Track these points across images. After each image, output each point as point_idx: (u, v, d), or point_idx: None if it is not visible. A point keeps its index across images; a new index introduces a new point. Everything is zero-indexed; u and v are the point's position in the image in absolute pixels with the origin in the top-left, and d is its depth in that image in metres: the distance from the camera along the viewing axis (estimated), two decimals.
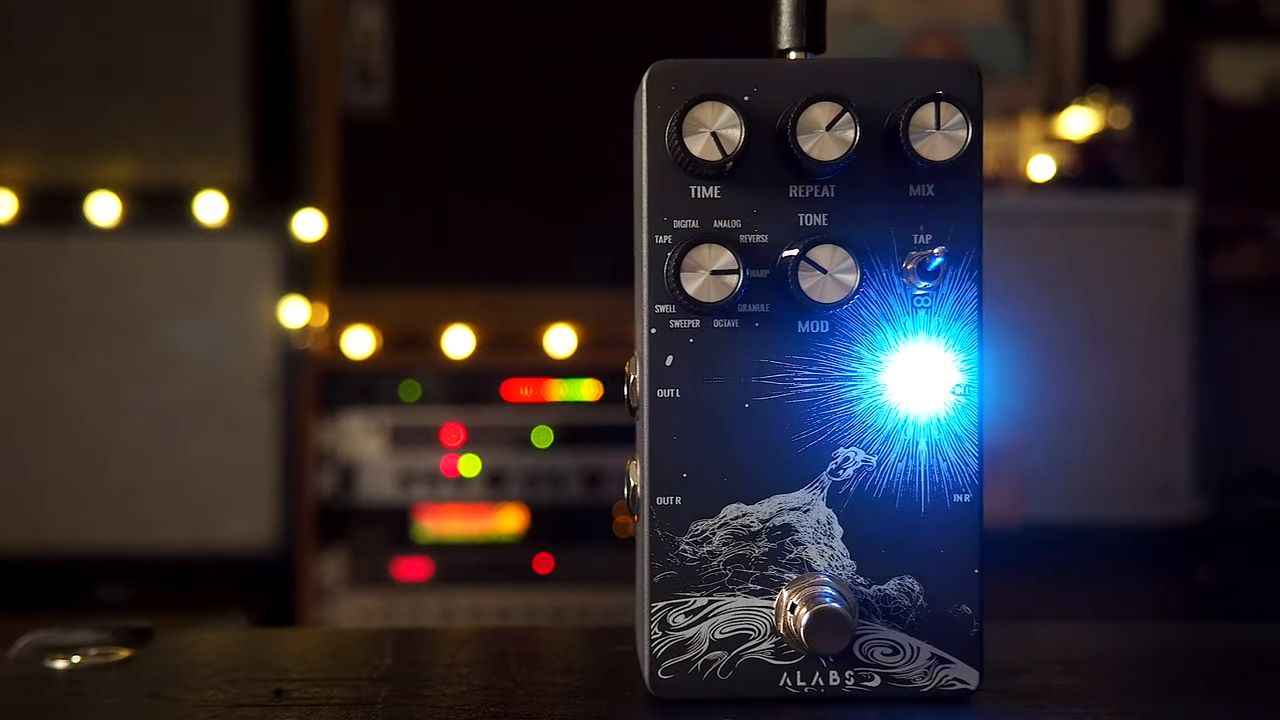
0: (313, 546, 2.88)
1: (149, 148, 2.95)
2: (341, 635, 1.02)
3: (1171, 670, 0.92)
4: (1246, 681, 0.88)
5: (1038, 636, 1.02)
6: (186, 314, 2.90)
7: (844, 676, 0.83)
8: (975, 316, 0.83)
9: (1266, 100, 3.07)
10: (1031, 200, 3.05)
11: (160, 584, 2.88)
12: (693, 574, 0.83)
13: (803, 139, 0.80)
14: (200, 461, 2.88)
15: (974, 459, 0.83)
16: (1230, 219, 3.02)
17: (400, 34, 3.02)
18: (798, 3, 0.86)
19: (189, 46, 2.96)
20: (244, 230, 2.93)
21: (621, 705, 0.82)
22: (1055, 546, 2.87)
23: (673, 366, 0.83)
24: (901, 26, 3.37)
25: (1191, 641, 1.03)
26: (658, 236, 0.83)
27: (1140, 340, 2.92)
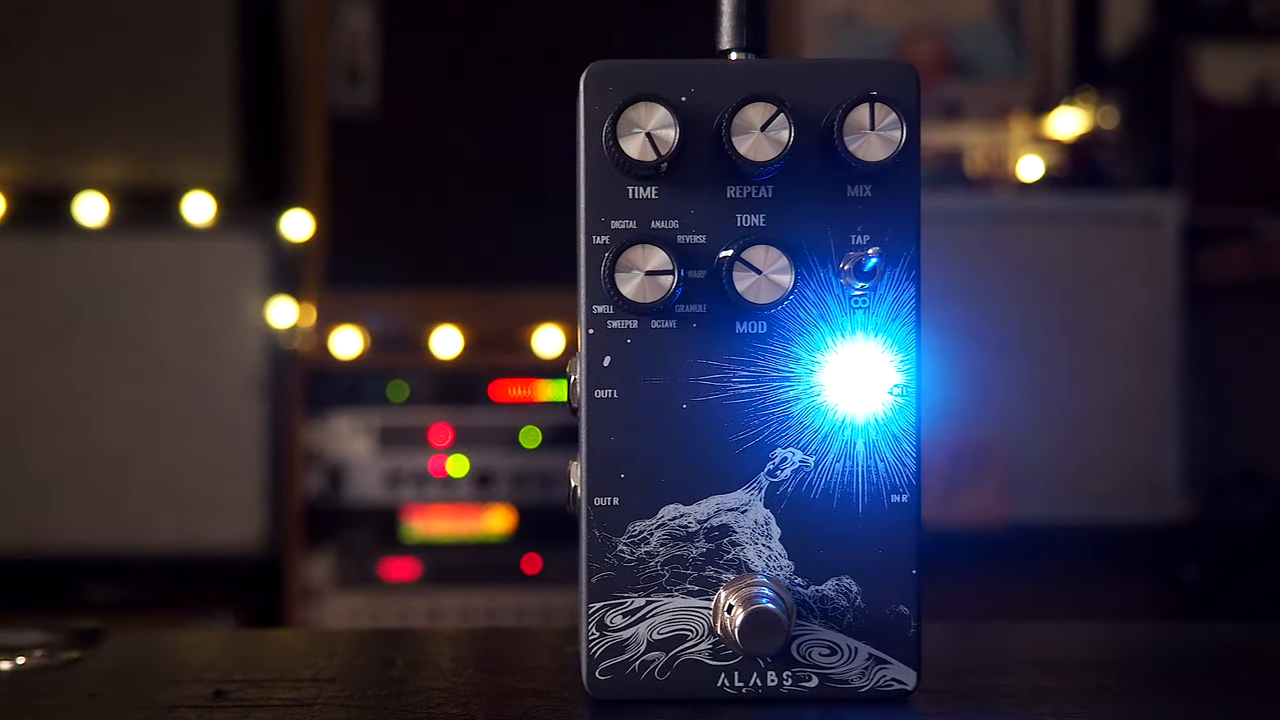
0: (301, 547, 2.88)
1: (137, 148, 2.95)
2: (293, 636, 1.02)
3: (1118, 670, 0.91)
4: (1192, 681, 0.88)
5: (989, 636, 1.02)
6: (174, 314, 2.90)
7: (782, 677, 0.83)
8: (913, 317, 0.83)
9: (1255, 101, 3.06)
10: (1020, 200, 3.04)
11: (148, 584, 2.88)
12: (630, 575, 0.83)
13: (737, 139, 0.80)
14: (188, 461, 2.89)
15: (912, 459, 0.83)
16: (1219, 220, 3.02)
17: (388, 34, 3.03)
18: (737, 4, 0.86)
19: (177, 47, 2.97)
20: (232, 230, 2.93)
21: (559, 706, 0.82)
22: (1043, 546, 2.87)
23: (610, 367, 0.83)
24: (891, 27, 3.37)
25: (1144, 641, 1.03)
26: (595, 237, 0.83)
27: (1128, 340, 2.92)
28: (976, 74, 3.33)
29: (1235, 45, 3.07)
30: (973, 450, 2.89)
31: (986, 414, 2.91)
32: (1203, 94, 3.06)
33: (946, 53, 3.35)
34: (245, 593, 2.92)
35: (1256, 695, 0.85)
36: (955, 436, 2.88)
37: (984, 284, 2.93)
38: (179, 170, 2.95)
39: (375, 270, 3.00)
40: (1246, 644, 1.00)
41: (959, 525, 2.86)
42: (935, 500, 2.84)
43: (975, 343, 2.91)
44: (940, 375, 2.85)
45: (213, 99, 2.96)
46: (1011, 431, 2.90)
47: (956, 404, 2.90)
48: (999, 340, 2.92)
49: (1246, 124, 3.05)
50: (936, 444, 2.81)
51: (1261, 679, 0.89)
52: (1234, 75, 3.07)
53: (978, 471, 2.89)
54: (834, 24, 3.38)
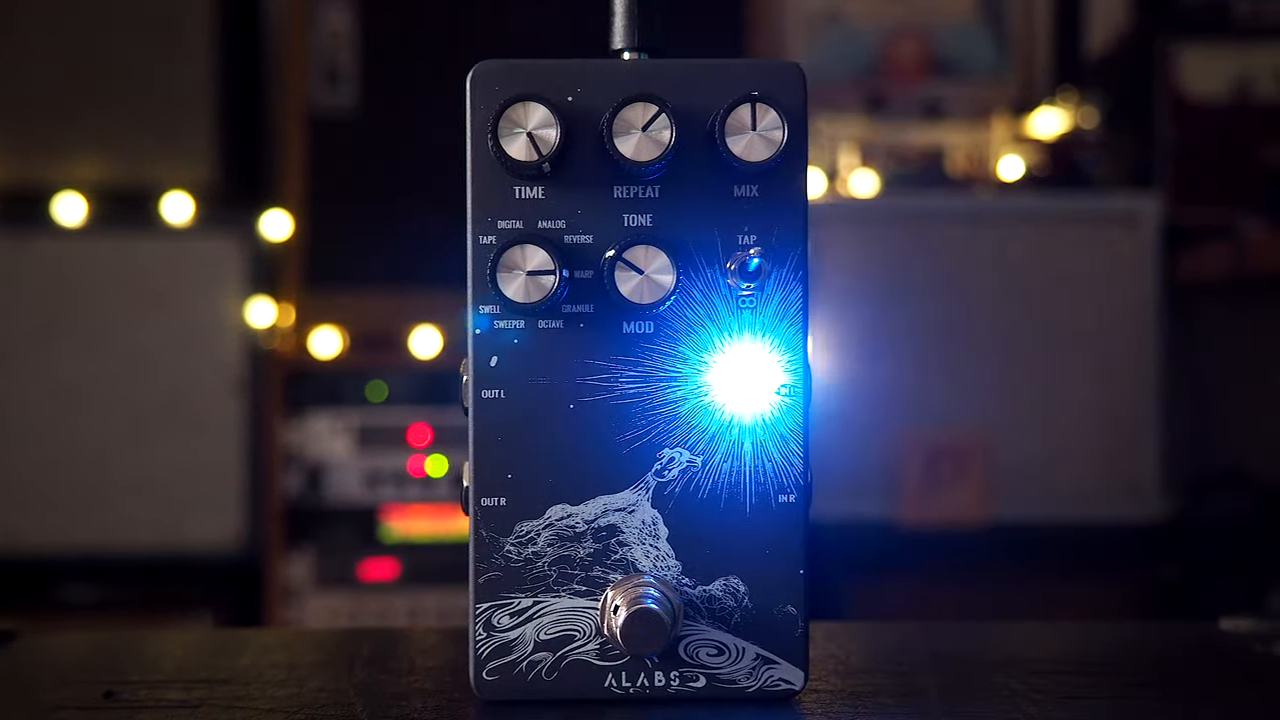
0: (280, 547, 2.89)
1: (116, 147, 2.96)
2: (209, 636, 1.02)
3: (1021, 669, 0.91)
4: (1085, 681, 0.88)
5: (896, 636, 1.02)
6: (153, 314, 2.90)
7: (669, 677, 0.83)
8: (800, 317, 0.83)
9: (1236, 100, 3.06)
10: (1001, 200, 3.04)
11: (127, 584, 2.89)
12: (518, 575, 0.83)
13: (619, 140, 0.80)
14: (167, 462, 2.89)
15: (799, 459, 0.83)
16: (1199, 219, 3.02)
17: (368, 34, 3.03)
18: (629, 4, 0.86)
19: (157, 46, 2.97)
20: (211, 230, 2.93)
21: (446, 706, 0.82)
22: (1023, 546, 2.87)
23: (497, 367, 0.83)
24: (875, 27, 3.37)
25: (1065, 640, 1.03)
26: (482, 237, 0.83)
27: (1108, 339, 2.91)
28: (959, 73, 3.32)
29: (1216, 45, 3.07)
30: (952, 450, 2.88)
31: (966, 413, 2.91)
32: (1183, 94, 3.06)
33: (930, 52, 3.35)
34: (224, 593, 2.92)
35: (1155, 690, 0.85)
36: (934, 436, 2.88)
37: (964, 283, 2.93)
38: (158, 170, 2.95)
39: (354, 270, 3.00)
40: (1159, 641, 0.99)
41: (938, 525, 2.86)
42: (914, 501, 2.84)
43: (955, 342, 2.91)
44: (922, 374, 2.86)
45: (192, 99, 2.97)
46: (991, 431, 2.90)
47: (936, 403, 2.90)
48: (979, 339, 2.92)
49: (1227, 124, 3.05)
50: (915, 444, 2.81)
51: (1166, 676, 0.89)
52: (1214, 75, 3.06)
53: (957, 471, 2.89)
54: (816, 24, 3.38)
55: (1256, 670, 0.91)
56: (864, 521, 2.88)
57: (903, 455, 2.89)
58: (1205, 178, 3.04)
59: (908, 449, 2.89)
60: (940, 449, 2.89)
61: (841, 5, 3.38)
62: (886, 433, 2.90)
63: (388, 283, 3.01)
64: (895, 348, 2.92)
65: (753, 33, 3.09)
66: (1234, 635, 1.00)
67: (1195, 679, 0.89)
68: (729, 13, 3.11)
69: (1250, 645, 0.96)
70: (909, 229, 2.96)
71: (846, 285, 2.92)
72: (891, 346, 2.92)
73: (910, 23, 3.37)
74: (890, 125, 3.20)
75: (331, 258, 2.99)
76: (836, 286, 2.92)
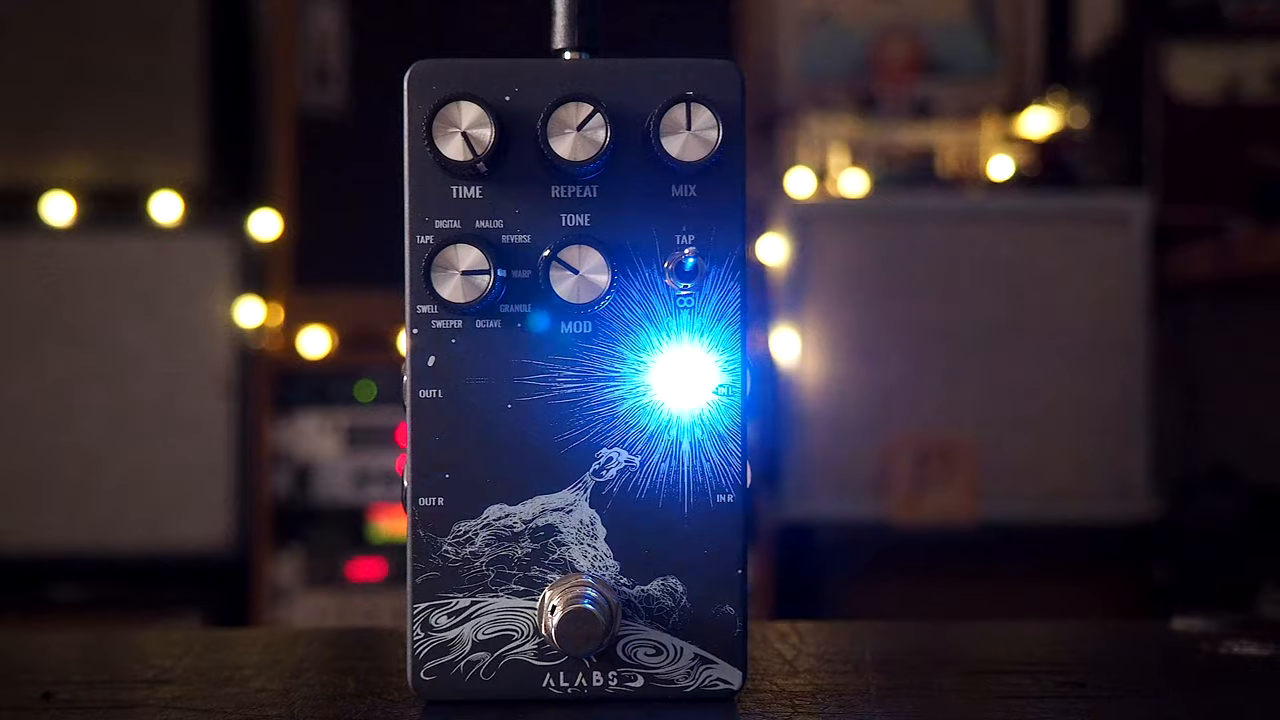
0: (268, 547, 2.89)
1: (104, 147, 2.96)
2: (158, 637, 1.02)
3: (960, 670, 0.91)
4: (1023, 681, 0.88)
5: (848, 636, 1.02)
6: (141, 314, 2.90)
7: (608, 677, 0.83)
8: (738, 316, 0.82)
9: (1225, 100, 3.06)
10: (991, 200, 3.04)
11: (115, 585, 2.89)
12: (455, 575, 0.83)
13: (554, 139, 0.80)
14: (155, 462, 2.89)
15: (737, 459, 0.83)
16: (1188, 219, 3.01)
17: (357, 34, 3.03)
18: (569, 4, 0.86)
19: (145, 46, 2.97)
20: (199, 230, 2.93)
21: (384, 707, 0.82)
22: (1012, 545, 2.87)
23: (435, 367, 0.83)
24: (865, 26, 3.36)
25: (1013, 641, 1.03)
26: (419, 237, 0.83)
27: (1097, 339, 2.91)
28: (950, 73, 3.32)
29: (1205, 45, 3.07)
30: (941, 449, 2.88)
31: (955, 413, 2.91)
32: (1173, 94, 3.06)
33: (920, 52, 3.35)
34: (212, 593, 2.92)
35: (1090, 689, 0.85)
36: (924, 436, 2.88)
37: (954, 283, 2.93)
38: (147, 170, 2.96)
39: (343, 270, 3.00)
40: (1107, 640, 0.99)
41: (927, 524, 2.86)
42: (904, 500, 2.84)
43: (945, 341, 2.91)
44: (911, 374, 2.86)
45: (181, 99, 2.97)
46: (980, 430, 2.90)
47: (925, 403, 2.90)
48: (968, 339, 2.92)
49: (1216, 123, 3.05)
50: (904, 443, 2.81)
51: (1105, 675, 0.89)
52: (1204, 75, 3.06)
53: (946, 471, 2.88)
54: (807, 23, 3.38)
55: (1199, 669, 0.91)
56: (854, 521, 2.88)
57: (892, 455, 2.89)
58: (1194, 178, 3.04)
59: (897, 448, 2.89)
60: (929, 448, 2.89)
61: (832, 5, 3.38)
62: (876, 432, 2.90)
63: (376, 282, 2.99)
64: (885, 347, 2.91)
65: (743, 33, 3.09)
66: (1184, 635, 1.00)
67: (1134, 678, 0.89)
68: (719, 13, 3.10)
69: (1198, 645, 0.96)
70: (899, 228, 2.96)
71: (836, 285, 2.92)
72: (881, 346, 2.92)
73: (901, 22, 3.37)
74: (881, 125, 3.20)
75: (320, 257, 2.98)
76: (826, 286, 2.92)
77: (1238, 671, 0.90)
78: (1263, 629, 0.98)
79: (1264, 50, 3.06)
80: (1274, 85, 3.06)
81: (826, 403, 2.91)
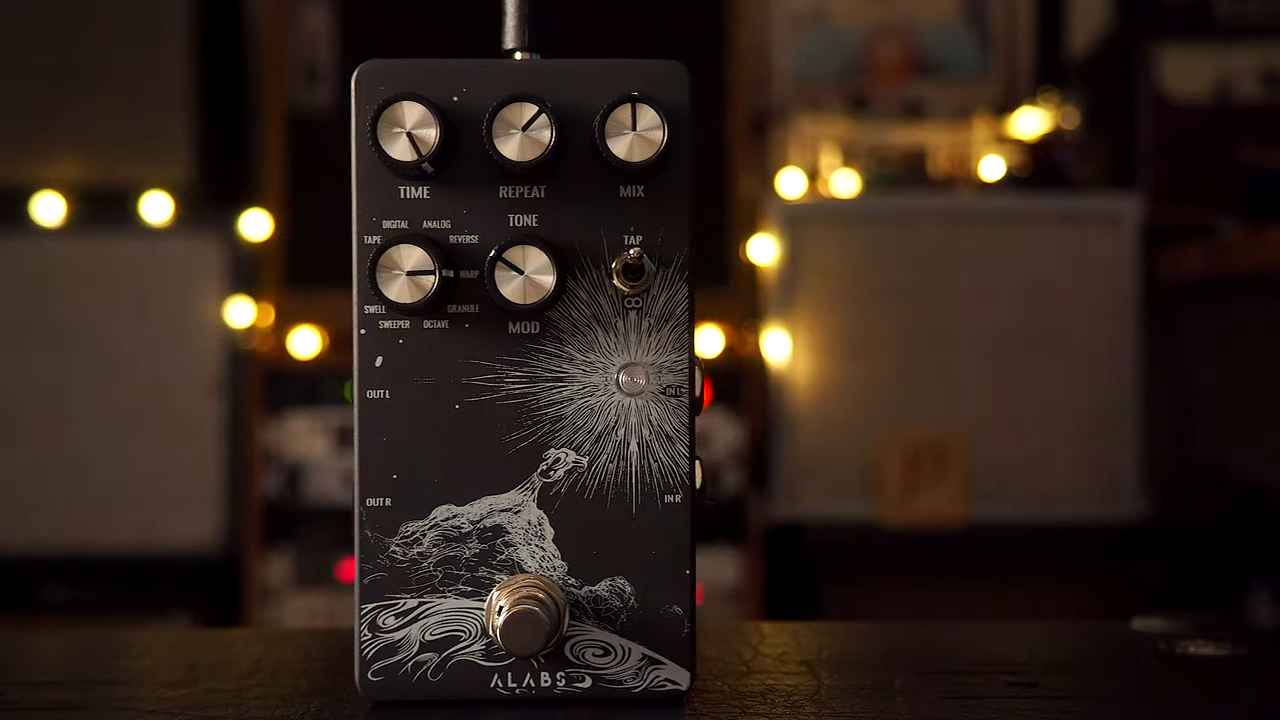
0: (258, 547, 2.89)
1: (94, 147, 2.96)
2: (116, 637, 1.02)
3: (913, 670, 0.91)
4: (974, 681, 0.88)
5: (810, 636, 1.02)
6: (131, 314, 2.90)
7: (555, 678, 0.83)
8: (686, 316, 0.82)
9: (1217, 101, 3.05)
10: (982, 200, 3.04)
11: (105, 585, 2.88)
12: (403, 575, 0.83)
13: (499, 139, 0.80)
14: (145, 462, 2.89)
15: (685, 460, 0.83)
16: (1179, 219, 3.01)
17: (347, 34, 3.03)
18: (520, 3, 0.86)
19: (135, 45, 2.97)
20: (190, 230, 2.93)
21: (331, 707, 0.82)
22: (1002, 546, 2.87)
23: (383, 367, 0.83)
24: (857, 26, 3.36)
25: (972, 641, 1.03)
26: (367, 237, 0.83)
27: (1088, 340, 2.91)
28: (941, 74, 3.32)
29: (1197, 45, 3.06)
30: (932, 450, 2.88)
31: (946, 413, 2.91)
32: (1164, 94, 3.05)
33: (912, 52, 3.35)
34: (203, 593, 2.92)
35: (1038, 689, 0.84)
36: (914, 436, 2.88)
37: (945, 283, 2.93)
38: (137, 170, 2.95)
39: (334, 270, 2.99)
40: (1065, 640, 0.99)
41: (918, 525, 2.86)
42: (894, 501, 2.84)
43: (935, 342, 2.91)
44: (901, 374, 2.86)
45: (171, 98, 2.97)
46: (971, 431, 2.90)
47: (915, 404, 2.90)
48: (959, 339, 2.92)
49: (1208, 124, 3.04)
50: (895, 444, 2.81)
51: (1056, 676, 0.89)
52: (1196, 75, 3.06)
53: (936, 471, 2.88)
54: (800, 23, 3.37)
55: (1153, 669, 0.91)
56: (844, 521, 2.88)
57: (883, 455, 2.89)
58: (1186, 178, 3.04)
59: (887, 449, 2.89)
60: (920, 449, 2.89)
61: (824, 5, 3.38)
62: (866, 432, 2.90)
63: None
64: (876, 348, 2.91)
65: (735, 33, 3.09)
66: (1143, 635, 0.99)
67: (1087, 678, 0.89)
68: (710, 13, 3.10)
69: (1156, 645, 0.96)
70: (890, 229, 2.96)
71: (827, 285, 2.92)
72: (872, 346, 2.91)
73: (893, 23, 3.36)
74: (872, 125, 3.20)
75: (310, 258, 2.98)
76: (817, 286, 2.92)
77: (1191, 671, 0.90)
78: (1221, 629, 0.98)
79: (1255, 50, 3.06)
80: (1265, 86, 3.06)
81: (817, 403, 2.91)
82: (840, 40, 3.36)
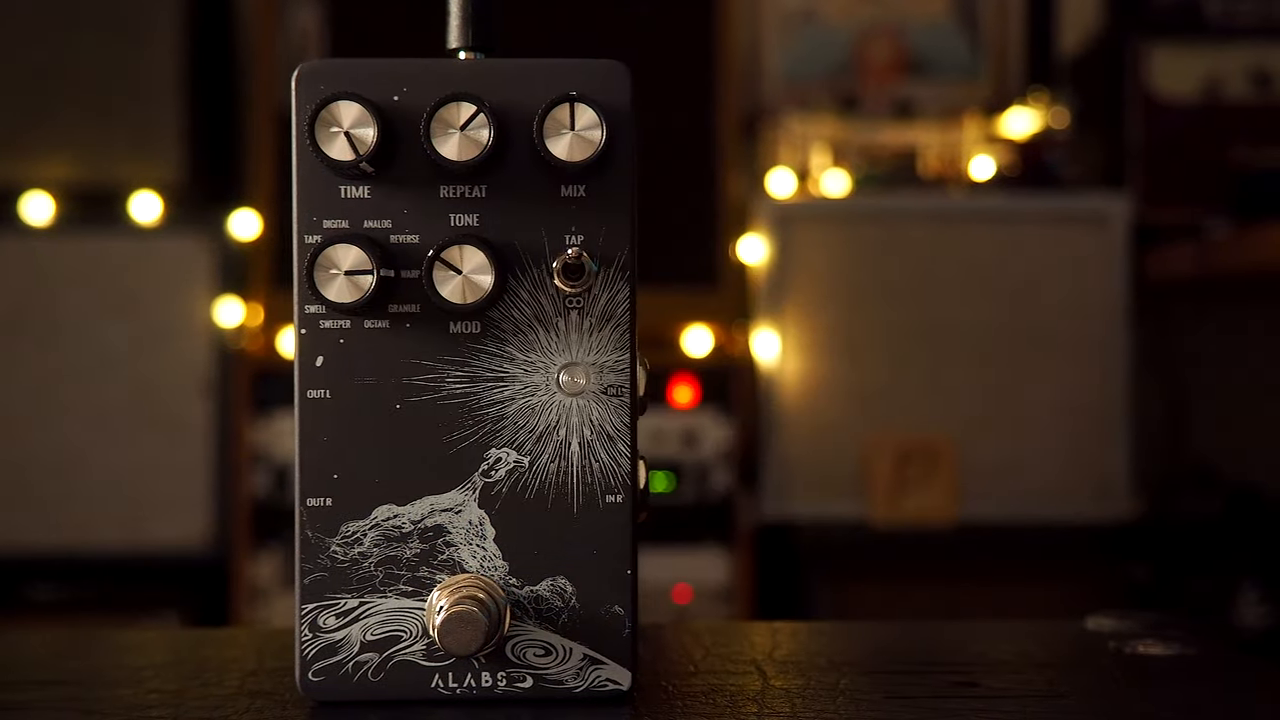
0: (247, 547, 2.89)
1: (84, 147, 2.96)
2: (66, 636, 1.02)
3: (857, 670, 0.91)
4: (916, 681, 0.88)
5: (767, 636, 1.01)
6: (120, 314, 2.90)
7: (496, 678, 0.83)
8: (627, 317, 0.82)
9: (1206, 100, 3.05)
10: (972, 200, 3.04)
11: (93, 585, 2.89)
12: (343, 575, 0.83)
13: (437, 139, 0.80)
14: (134, 462, 2.89)
15: (626, 459, 0.83)
16: (1169, 219, 3.01)
17: (337, 33, 3.03)
18: (464, 3, 0.86)
19: (125, 44, 2.97)
20: (179, 230, 2.93)
21: (271, 708, 0.82)
22: (992, 545, 2.87)
23: (323, 367, 0.83)
24: (848, 26, 3.36)
25: (923, 641, 1.03)
26: (307, 236, 0.83)
27: (1078, 340, 2.91)
28: (932, 73, 3.32)
29: (1186, 45, 3.06)
30: (922, 449, 2.88)
31: (936, 413, 2.91)
32: (1154, 94, 3.05)
33: (903, 52, 3.34)
34: (191, 593, 2.92)
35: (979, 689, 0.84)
36: (904, 436, 2.88)
37: (935, 283, 2.92)
38: (126, 169, 2.96)
39: None
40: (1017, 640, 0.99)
41: (908, 524, 2.86)
42: (884, 500, 2.83)
43: (925, 341, 2.91)
44: (891, 374, 2.86)
45: (160, 98, 2.97)
46: (960, 431, 2.90)
47: (905, 403, 2.90)
48: (949, 339, 2.92)
49: (1197, 123, 3.04)
50: (885, 444, 2.81)
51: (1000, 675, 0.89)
52: (1185, 75, 3.06)
53: (926, 471, 2.88)
54: (791, 22, 3.37)
55: (1100, 668, 0.91)
56: (834, 521, 2.88)
57: (872, 455, 2.89)
58: (1175, 178, 3.04)
59: (877, 448, 2.89)
60: (910, 448, 2.89)
61: (815, 4, 3.38)
62: (856, 432, 2.90)
63: None
64: (866, 347, 2.91)
65: (726, 33, 3.08)
66: (1095, 634, 0.99)
67: (1032, 677, 0.88)
68: (701, 12, 3.10)
69: (1105, 644, 0.96)
70: (880, 228, 2.96)
71: (817, 285, 2.92)
72: (862, 346, 2.91)
73: (884, 22, 3.36)
74: (862, 124, 3.20)
75: None
76: (807, 286, 2.92)
77: (1135, 671, 0.90)
78: (1173, 629, 0.98)
79: (1245, 51, 3.06)
80: (1255, 86, 3.06)
81: (807, 403, 2.91)
82: (831, 40, 3.36)
